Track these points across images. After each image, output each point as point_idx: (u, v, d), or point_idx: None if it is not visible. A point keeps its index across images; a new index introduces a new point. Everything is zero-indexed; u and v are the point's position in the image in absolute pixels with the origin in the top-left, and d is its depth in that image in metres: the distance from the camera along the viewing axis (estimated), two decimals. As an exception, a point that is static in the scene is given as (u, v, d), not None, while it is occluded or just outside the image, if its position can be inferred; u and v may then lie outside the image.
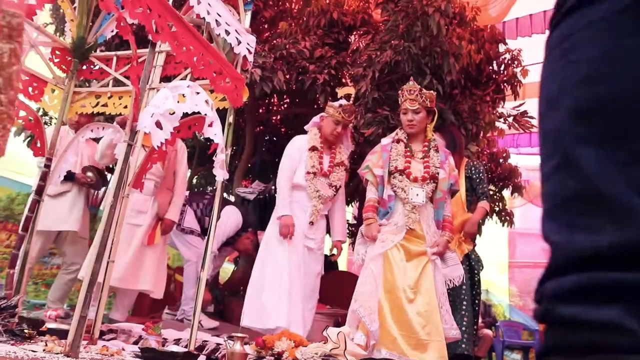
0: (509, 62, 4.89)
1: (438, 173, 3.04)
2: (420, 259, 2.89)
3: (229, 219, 4.40)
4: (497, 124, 4.96)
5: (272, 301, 3.25)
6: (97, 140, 3.77)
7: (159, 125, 2.05)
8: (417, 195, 2.95)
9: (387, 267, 2.85)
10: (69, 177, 3.73)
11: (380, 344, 2.72)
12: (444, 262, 2.99)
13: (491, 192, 5.69)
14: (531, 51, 5.80)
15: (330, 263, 5.07)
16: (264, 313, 3.24)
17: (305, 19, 4.85)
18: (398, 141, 3.12)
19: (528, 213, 10.42)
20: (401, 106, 3.13)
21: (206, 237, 2.53)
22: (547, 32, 0.60)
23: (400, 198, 2.98)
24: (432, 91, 3.20)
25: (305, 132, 3.70)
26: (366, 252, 2.98)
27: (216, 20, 2.40)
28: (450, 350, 2.94)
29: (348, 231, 5.97)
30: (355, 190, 5.02)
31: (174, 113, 2.08)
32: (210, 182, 6.83)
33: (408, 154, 3.07)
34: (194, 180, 6.52)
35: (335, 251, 3.70)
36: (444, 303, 2.87)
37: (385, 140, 3.20)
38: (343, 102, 3.57)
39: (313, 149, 3.51)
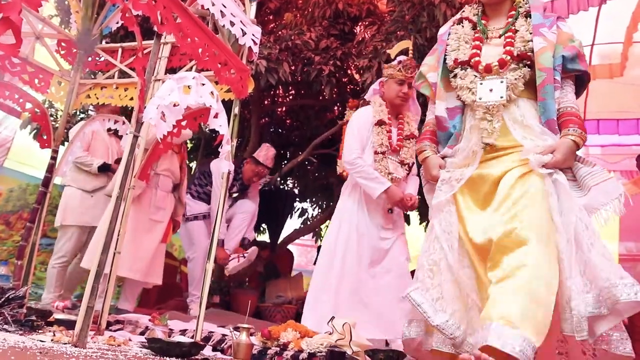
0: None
1: (531, 48, 1.92)
2: (513, 173, 1.84)
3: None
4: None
5: (330, 305, 2.89)
6: (117, 134, 3.87)
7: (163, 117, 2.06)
8: (491, 90, 1.92)
9: (460, 221, 1.92)
10: (105, 168, 3.86)
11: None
12: (576, 180, 1.82)
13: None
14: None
15: None
16: (324, 318, 3.01)
17: (310, 9, 4.83)
18: (460, 21, 2.12)
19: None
20: None
21: (210, 235, 2.53)
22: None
23: (467, 104, 2.01)
24: None
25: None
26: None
27: (221, 12, 2.39)
28: None
29: None
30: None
31: (177, 105, 2.08)
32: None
33: (477, 35, 2.05)
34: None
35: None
36: (570, 255, 1.67)
37: (442, 29, 2.21)
38: (402, 57, 3.16)
39: (380, 122, 3.03)
